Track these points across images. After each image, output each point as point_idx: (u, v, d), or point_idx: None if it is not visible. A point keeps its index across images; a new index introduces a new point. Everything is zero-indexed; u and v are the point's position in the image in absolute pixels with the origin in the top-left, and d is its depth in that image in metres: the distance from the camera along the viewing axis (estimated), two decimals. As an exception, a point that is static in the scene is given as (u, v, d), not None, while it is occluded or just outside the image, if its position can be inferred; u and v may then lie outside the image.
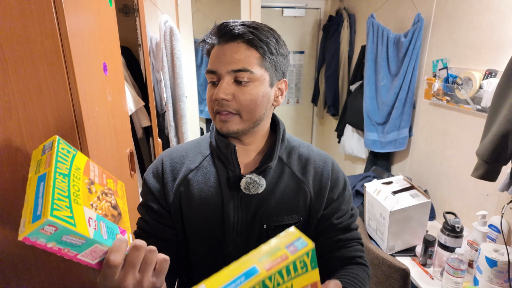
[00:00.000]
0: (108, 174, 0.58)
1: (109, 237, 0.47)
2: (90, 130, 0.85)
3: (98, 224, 0.46)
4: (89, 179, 0.51)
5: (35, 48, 0.73)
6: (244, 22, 0.66)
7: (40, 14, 0.71)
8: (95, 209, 0.48)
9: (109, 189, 0.54)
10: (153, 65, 1.96)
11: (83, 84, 0.82)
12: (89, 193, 0.49)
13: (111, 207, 0.52)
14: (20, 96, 0.75)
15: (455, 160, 1.67)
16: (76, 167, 0.50)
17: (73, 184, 0.47)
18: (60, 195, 0.44)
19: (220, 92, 0.63)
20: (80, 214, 0.44)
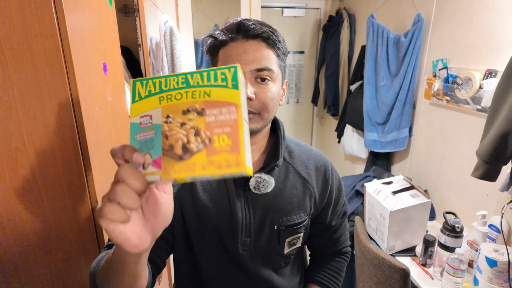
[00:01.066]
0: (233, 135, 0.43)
1: (140, 148, 0.43)
2: (90, 130, 0.85)
3: (147, 126, 0.43)
4: (200, 110, 0.43)
5: (35, 48, 0.73)
6: (259, 21, 0.65)
7: (40, 14, 0.71)
8: (166, 122, 0.43)
9: (207, 137, 0.42)
10: (153, 65, 1.96)
11: (83, 84, 0.82)
12: (182, 113, 0.43)
13: (193, 133, 0.43)
14: (20, 96, 0.75)
15: (455, 160, 1.67)
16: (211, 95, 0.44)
17: (185, 93, 0.43)
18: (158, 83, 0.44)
19: (248, 91, 0.62)
20: (146, 104, 0.44)
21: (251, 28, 0.63)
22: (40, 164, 0.80)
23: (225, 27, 0.65)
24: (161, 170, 0.42)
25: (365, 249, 1.38)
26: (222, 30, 0.65)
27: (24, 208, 0.82)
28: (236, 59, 0.62)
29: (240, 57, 0.62)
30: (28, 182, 0.80)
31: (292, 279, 0.81)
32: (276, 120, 0.77)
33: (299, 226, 0.74)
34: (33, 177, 0.80)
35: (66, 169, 0.83)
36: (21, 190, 0.80)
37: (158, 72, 1.92)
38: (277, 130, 0.76)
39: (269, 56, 0.64)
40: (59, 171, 0.82)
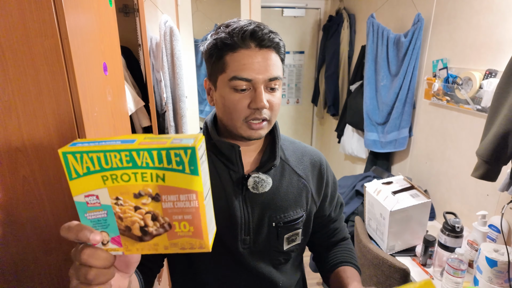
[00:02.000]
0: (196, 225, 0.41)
1: (94, 224, 0.40)
2: (90, 130, 0.85)
3: (95, 205, 0.39)
4: (154, 195, 0.39)
5: (35, 48, 0.73)
6: (267, 26, 0.65)
7: (40, 14, 0.71)
8: (116, 204, 0.39)
9: (166, 222, 0.40)
10: (153, 65, 1.96)
11: (83, 84, 0.82)
12: (134, 196, 0.39)
13: (150, 218, 0.40)
14: (20, 96, 0.75)
15: (455, 160, 1.67)
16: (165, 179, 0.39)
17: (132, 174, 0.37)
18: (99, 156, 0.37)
19: (264, 100, 0.63)
20: (88, 183, 0.38)
21: (265, 38, 0.63)
22: (40, 164, 0.80)
23: (234, 31, 0.62)
24: (123, 248, 0.41)
25: (365, 249, 1.38)
26: (229, 34, 0.63)
27: (24, 208, 0.82)
28: (251, 69, 0.62)
29: (254, 66, 0.62)
30: (28, 182, 0.80)
31: (292, 276, 0.82)
32: None
33: (297, 222, 0.76)
34: (33, 177, 0.80)
35: (66, 169, 0.83)
36: (21, 190, 0.80)
37: (158, 72, 1.92)
38: (273, 130, 0.76)
39: (278, 64, 0.66)
40: (59, 171, 0.82)
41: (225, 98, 0.66)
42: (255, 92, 0.63)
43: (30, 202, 0.82)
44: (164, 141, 0.37)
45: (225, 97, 0.65)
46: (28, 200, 0.82)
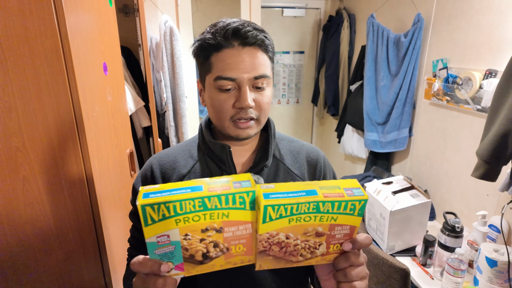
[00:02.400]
0: (248, 246, 0.49)
1: (161, 257, 0.46)
2: (90, 130, 0.85)
3: (165, 243, 0.45)
4: (219, 228, 0.46)
5: (35, 48, 0.73)
6: (252, 24, 0.64)
7: (40, 14, 0.71)
8: (184, 239, 0.45)
9: (225, 247, 0.48)
10: (153, 65, 1.96)
11: (83, 84, 0.82)
12: (201, 231, 0.45)
13: (212, 246, 0.47)
14: (20, 96, 0.75)
15: (455, 160, 1.67)
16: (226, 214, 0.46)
17: (200, 215, 0.44)
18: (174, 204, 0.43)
19: (249, 100, 0.62)
20: (162, 227, 0.43)
21: (248, 36, 0.61)
22: (40, 164, 0.80)
23: (218, 31, 0.62)
24: (184, 271, 0.48)
25: (365, 249, 1.38)
26: (213, 34, 0.62)
27: (24, 208, 0.82)
28: (235, 68, 0.62)
29: (239, 65, 0.62)
30: (28, 182, 0.80)
31: (290, 280, 0.80)
32: (267, 119, 0.76)
33: None
34: (33, 177, 0.80)
35: (66, 169, 0.83)
36: (21, 190, 0.80)
37: (158, 72, 1.92)
38: (267, 129, 0.76)
39: (265, 62, 0.64)
40: (59, 171, 0.82)
41: (212, 99, 0.65)
42: (239, 91, 0.63)
43: (30, 202, 0.82)
44: (228, 186, 0.45)
45: (212, 97, 0.65)
46: (28, 200, 0.82)
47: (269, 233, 0.47)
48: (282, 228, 0.47)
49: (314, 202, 0.45)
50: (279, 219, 0.46)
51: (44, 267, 0.88)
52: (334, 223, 0.48)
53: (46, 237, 0.86)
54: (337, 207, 0.46)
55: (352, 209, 0.47)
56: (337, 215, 0.47)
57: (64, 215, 0.86)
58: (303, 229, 0.47)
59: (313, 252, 0.50)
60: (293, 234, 0.48)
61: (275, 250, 0.49)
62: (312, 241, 0.49)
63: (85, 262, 0.91)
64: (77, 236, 0.88)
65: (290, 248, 0.49)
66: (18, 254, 0.84)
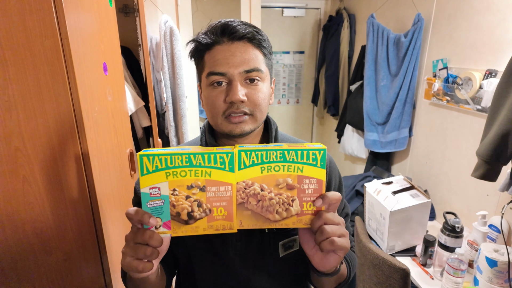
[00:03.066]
0: (229, 209, 0.55)
1: (151, 211, 0.52)
2: (90, 130, 0.85)
3: (156, 196, 0.51)
4: (202, 186, 0.52)
5: (35, 48, 0.73)
6: (243, 22, 0.65)
7: (40, 14, 0.71)
8: (172, 194, 0.52)
9: (207, 208, 0.53)
10: (153, 65, 1.96)
11: (83, 84, 0.82)
12: (187, 188, 0.52)
13: (196, 205, 0.53)
14: (20, 96, 0.75)
15: (455, 160, 1.67)
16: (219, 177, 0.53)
17: (189, 170, 0.51)
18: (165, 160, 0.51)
19: (240, 94, 0.61)
20: (154, 178, 0.51)
21: (236, 30, 0.62)
22: (40, 164, 0.80)
23: (209, 30, 0.64)
24: (171, 230, 0.53)
25: (365, 249, 1.38)
26: (205, 33, 0.64)
27: (24, 208, 0.82)
28: (224, 63, 0.62)
29: (228, 60, 0.62)
30: (28, 182, 0.80)
31: (292, 286, 0.78)
32: (268, 120, 0.75)
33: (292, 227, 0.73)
34: (33, 177, 0.80)
35: (66, 169, 0.83)
36: (21, 190, 0.80)
37: (158, 72, 1.92)
38: (269, 130, 0.74)
39: (256, 57, 0.64)
40: (59, 171, 0.82)
41: (206, 96, 0.66)
42: (230, 86, 0.62)
43: (30, 202, 0.82)
44: (210, 149, 0.52)
45: (206, 95, 0.66)
46: (28, 200, 0.82)
47: (245, 182, 0.53)
48: (256, 178, 0.53)
49: (280, 150, 0.52)
50: (252, 166, 0.52)
51: (44, 267, 0.88)
52: (301, 175, 0.53)
53: (46, 237, 0.86)
54: (300, 155, 0.53)
55: (314, 159, 0.53)
56: (302, 165, 0.53)
57: (64, 215, 0.86)
58: (274, 179, 0.53)
59: (288, 209, 0.54)
60: (266, 185, 0.53)
61: (252, 204, 0.54)
62: (285, 195, 0.54)
63: (85, 262, 0.91)
64: (77, 236, 0.88)
65: (266, 202, 0.54)
66: (18, 254, 0.84)
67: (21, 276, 0.86)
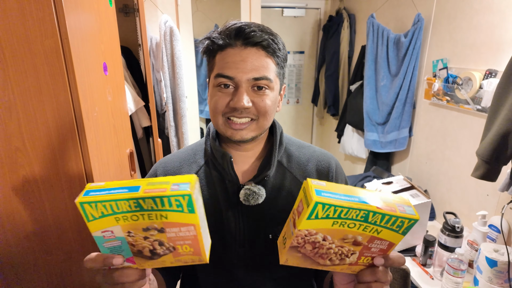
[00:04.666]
0: (196, 246, 0.49)
1: (110, 250, 0.48)
2: (90, 130, 0.85)
3: (111, 238, 0.46)
4: (160, 228, 0.46)
5: (35, 48, 0.73)
6: (260, 26, 0.63)
7: (40, 14, 0.71)
8: (128, 235, 0.46)
9: (170, 246, 0.48)
10: (153, 65, 1.96)
11: (83, 84, 0.82)
12: (143, 230, 0.46)
13: (157, 244, 0.48)
14: (20, 96, 0.75)
15: (455, 160, 1.67)
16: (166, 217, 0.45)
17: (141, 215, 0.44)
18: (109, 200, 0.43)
19: (244, 101, 0.61)
20: (103, 223, 0.45)
21: (251, 36, 0.60)
22: (40, 164, 0.80)
23: (223, 31, 0.63)
24: (136, 264, 0.49)
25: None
26: (220, 33, 0.63)
27: (24, 208, 0.82)
28: (234, 67, 0.61)
29: (238, 65, 0.61)
30: (28, 182, 0.80)
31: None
32: (274, 123, 0.74)
33: None
34: (33, 177, 0.80)
35: (66, 169, 0.83)
36: (21, 190, 0.80)
37: (158, 72, 1.92)
38: (274, 135, 0.73)
39: (268, 65, 0.62)
40: (59, 171, 0.82)
41: (211, 95, 0.65)
42: (237, 91, 0.62)
43: (30, 202, 0.82)
44: (164, 188, 0.43)
45: (211, 94, 0.65)
46: (28, 200, 0.82)
47: (308, 230, 0.46)
48: (323, 229, 0.46)
49: (365, 211, 0.44)
50: (324, 219, 0.45)
51: (44, 267, 0.88)
52: (375, 236, 0.47)
53: (46, 237, 0.86)
54: (386, 220, 0.45)
55: (399, 226, 0.46)
56: (382, 228, 0.46)
57: (64, 215, 0.86)
58: (343, 234, 0.47)
59: (343, 259, 0.50)
60: (331, 237, 0.47)
61: (307, 249, 0.49)
62: (347, 248, 0.48)
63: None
64: (77, 236, 0.88)
65: (322, 250, 0.48)
66: (18, 254, 0.84)
67: (21, 276, 0.86)
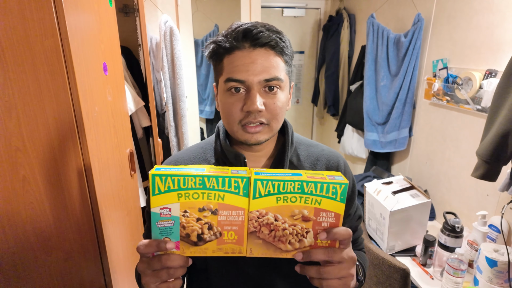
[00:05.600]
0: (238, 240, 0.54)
1: (161, 232, 0.51)
2: (90, 130, 0.85)
3: (166, 216, 0.51)
4: (214, 210, 0.51)
5: (35, 48, 0.73)
6: (266, 26, 0.63)
7: (40, 14, 0.71)
8: (183, 215, 0.51)
9: (218, 231, 0.52)
10: (153, 65, 1.96)
11: (83, 84, 0.82)
12: (198, 210, 0.51)
13: (207, 227, 0.52)
14: (20, 96, 0.75)
15: (455, 160, 1.67)
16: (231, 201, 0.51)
17: (201, 193, 0.50)
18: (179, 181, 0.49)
19: (258, 103, 0.60)
20: (166, 198, 0.50)
21: (259, 36, 0.60)
22: (40, 164, 0.80)
23: (229, 33, 0.61)
24: (180, 251, 0.53)
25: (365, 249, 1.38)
26: (226, 36, 0.62)
27: (24, 208, 0.82)
28: (244, 70, 0.60)
29: (248, 67, 0.60)
30: (28, 182, 0.80)
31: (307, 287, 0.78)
32: (285, 123, 0.74)
33: None
34: (33, 177, 0.80)
35: (66, 169, 0.83)
36: (21, 190, 0.80)
37: (158, 72, 1.92)
38: (285, 135, 0.73)
39: (277, 65, 0.62)
40: (59, 171, 0.82)
41: (222, 102, 0.64)
42: (249, 94, 0.61)
43: (30, 202, 0.82)
44: (225, 171, 0.51)
45: (222, 100, 0.64)
46: (28, 200, 0.82)
47: (258, 211, 0.51)
48: (271, 208, 0.51)
49: (299, 182, 0.50)
50: (267, 196, 0.51)
51: (44, 267, 0.88)
52: (318, 207, 0.51)
53: (46, 237, 0.86)
54: (319, 188, 0.50)
55: (334, 193, 0.51)
56: (320, 197, 0.51)
57: (64, 215, 0.86)
58: (290, 210, 0.51)
59: (301, 240, 0.53)
60: (281, 215, 0.52)
61: (265, 233, 0.52)
62: (300, 226, 0.52)
63: (85, 262, 0.91)
64: (77, 236, 0.88)
65: (279, 233, 0.52)
66: (18, 254, 0.84)
67: (21, 276, 0.86)
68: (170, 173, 0.49)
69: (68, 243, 0.88)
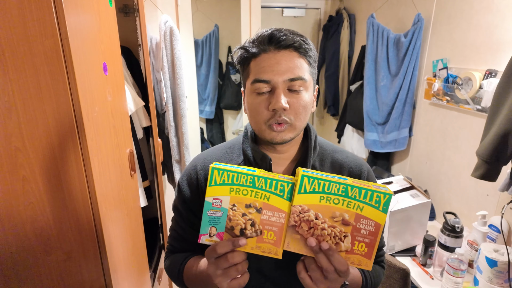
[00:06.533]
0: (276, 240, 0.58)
1: (209, 221, 0.56)
2: (90, 130, 0.85)
3: (217, 207, 0.56)
4: (259, 208, 0.56)
5: (35, 48, 0.73)
6: (290, 30, 0.66)
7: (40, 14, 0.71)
8: (231, 208, 0.56)
9: (259, 229, 0.56)
10: (153, 65, 1.96)
11: (83, 84, 0.81)
12: (245, 206, 0.56)
13: (250, 223, 0.56)
14: (20, 96, 0.75)
15: (455, 160, 1.67)
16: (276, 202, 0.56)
17: (250, 192, 0.55)
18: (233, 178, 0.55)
19: (282, 101, 0.62)
20: (219, 190, 0.55)
21: (283, 39, 0.63)
22: (40, 164, 0.80)
23: (255, 39, 0.65)
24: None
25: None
26: (252, 42, 0.66)
27: (24, 208, 0.82)
28: (269, 70, 0.63)
29: (273, 68, 0.63)
30: (28, 182, 0.80)
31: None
32: (308, 127, 0.75)
33: None
34: (33, 177, 0.80)
35: (66, 169, 0.83)
36: (21, 190, 0.80)
37: (158, 72, 1.92)
38: (308, 138, 0.74)
39: (301, 65, 0.64)
40: (59, 171, 0.82)
41: (249, 103, 0.67)
42: (274, 94, 0.63)
43: (30, 202, 0.82)
44: (273, 175, 0.56)
45: (250, 101, 0.67)
46: (28, 200, 0.82)
47: (301, 206, 0.54)
48: (313, 205, 0.54)
49: (344, 184, 0.53)
50: (312, 193, 0.53)
51: (44, 267, 0.88)
52: (360, 213, 0.53)
53: (46, 237, 0.86)
54: (363, 194, 0.52)
55: (377, 202, 0.52)
56: (363, 204, 0.53)
57: (64, 215, 0.86)
58: (331, 212, 0.54)
59: (338, 244, 0.55)
60: (322, 215, 0.54)
61: (304, 229, 0.55)
62: (338, 229, 0.54)
63: (85, 262, 0.91)
64: (77, 236, 0.88)
65: (317, 231, 0.54)
66: (18, 254, 0.84)
67: (21, 276, 0.86)
68: (227, 169, 0.54)
69: (68, 243, 0.88)
